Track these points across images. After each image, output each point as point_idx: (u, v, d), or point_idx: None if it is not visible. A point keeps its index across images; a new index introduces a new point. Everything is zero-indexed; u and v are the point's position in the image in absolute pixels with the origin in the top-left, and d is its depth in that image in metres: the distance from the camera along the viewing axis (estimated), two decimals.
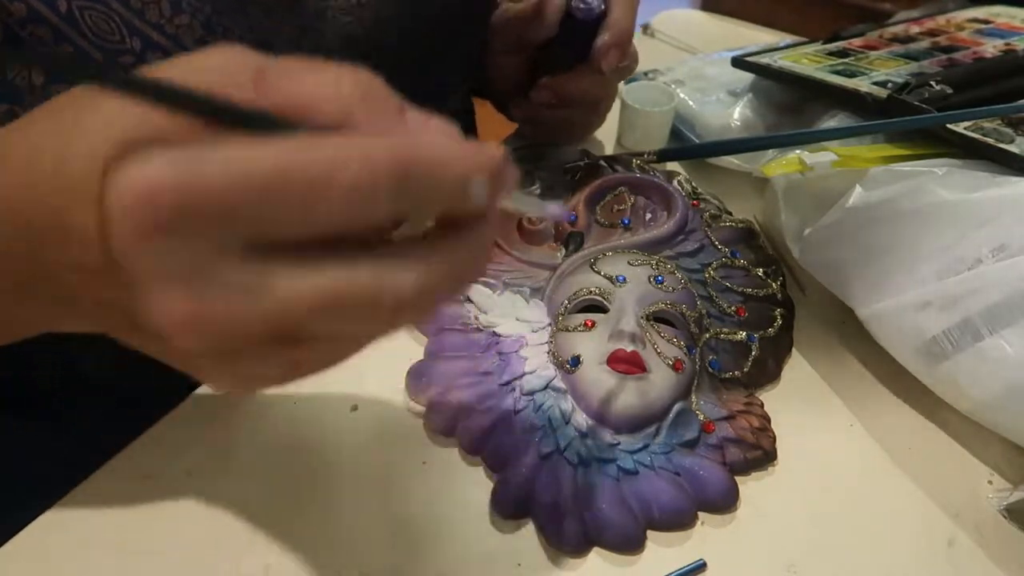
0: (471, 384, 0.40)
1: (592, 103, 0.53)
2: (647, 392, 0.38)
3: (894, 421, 0.42)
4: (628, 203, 0.49)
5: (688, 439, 0.38)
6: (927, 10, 0.70)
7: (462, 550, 0.35)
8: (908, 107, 0.48)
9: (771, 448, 0.39)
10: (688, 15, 0.84)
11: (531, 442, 0.37)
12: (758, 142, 0.53)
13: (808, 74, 0.55)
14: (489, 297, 0.44)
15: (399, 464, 0.38)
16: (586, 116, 0.54)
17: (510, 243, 0.47)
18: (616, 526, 0.35)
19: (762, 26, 0.80)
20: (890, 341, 0.42)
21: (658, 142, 0.60)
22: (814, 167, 0.45)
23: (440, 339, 0.42)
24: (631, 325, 0.40)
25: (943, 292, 0.38)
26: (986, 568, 0.36)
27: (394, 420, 0.40)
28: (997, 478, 0.39)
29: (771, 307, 0.45)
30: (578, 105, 0.51)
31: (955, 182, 0.41)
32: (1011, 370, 0.36)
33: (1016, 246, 0.37)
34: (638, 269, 0.43)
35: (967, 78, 0.51)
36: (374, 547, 0.35)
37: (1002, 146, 0.43)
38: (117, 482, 0.37)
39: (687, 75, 0.64)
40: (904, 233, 0.41)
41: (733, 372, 0.42)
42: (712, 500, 0.37)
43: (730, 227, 0.49)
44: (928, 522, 0.37)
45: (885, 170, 0.43)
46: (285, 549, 0.35)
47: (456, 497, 0.37)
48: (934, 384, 0.40)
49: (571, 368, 0.39)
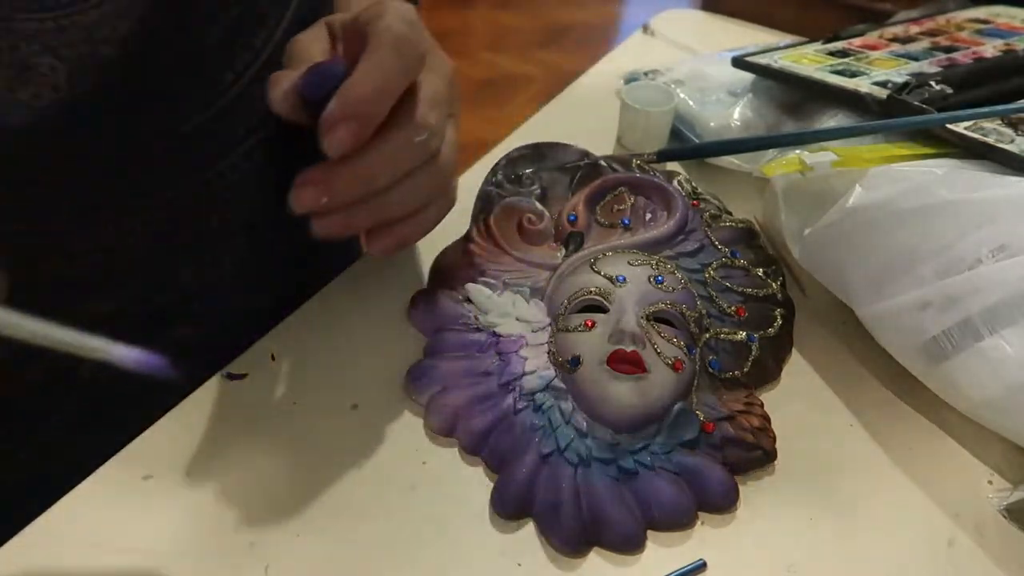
0: (471, 384, 0.40)
1: (401, 185, 0.35)
2: (647, 392, 0.38)
3: (894, 421, 0.42)
4: (628, 203, 0.49)
5: (688, 439, 0.38)
6: (927, 10, 0.70)
7: (462, 550, 0.35)
8: (908, 107, 0.48)
9: (771, 448, 0.39)
10: (688, 15, 0.84)
11: (531, 442, 0.37)
12: (758, 142, 0.53)
13: (808, 74, 0.55)
14: (489, 297, 0.44)
15: (399, 464, 0.38)
16: (410, 200, 0.36)
17: (510, 243, 0.47)
18: (616, 526, 0.35)
19: (762, 26, 0.80)
20: (890, 341, 0.42)
21: (658, 142, 0.60)
22: (814, 167, 0.45)
23: (440, 339, 0.42)
24: (631, 325, 0.40)
25: (943, 292, 0.38)
26: (986, 568, 0.36)
27: (394, 420, 0.40)
28: (997, 478, 0.39)
29: (771, 307, 0.45)
30: (380, 200, 0.34)
31: (955, 182, 0.41)
32: (1011, 370, 0.36)
33: (1016, 246, 0.37)
34: (638, 269, 0.43)
35: (967, 78, 0.51)
36: (374, 547, 0.35)
37: (1002, 146, 0.43)
38: (117, 482, 0.37)
39: (687, 75, 0.64)
40: (904, 233, 0.41)
41: (733, 372, 0.42)
42: (712, 500, 0.37)
43: (730, 227, 0.49)
44: (928, 522, 0.37)
45: (885, 170, 0.43)
46: (285, 549, 0.35)
47: (456, 497, 0.37)
48: (934, 384, 0.40)
49: (571, 368, 0.39)
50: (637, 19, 1.11)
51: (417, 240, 0.38)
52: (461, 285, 0.45)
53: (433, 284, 0.46)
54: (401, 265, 0.48)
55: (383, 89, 0.32)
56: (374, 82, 0.31)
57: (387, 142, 0.33)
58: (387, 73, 0.32)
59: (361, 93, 0.31)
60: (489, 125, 2.14)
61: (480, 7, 2.72)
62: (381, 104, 0.32)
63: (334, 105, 0.31)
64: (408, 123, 0.33)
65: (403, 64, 0.32)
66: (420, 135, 0.34)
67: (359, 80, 0.31)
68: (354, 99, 0.31)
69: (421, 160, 0.35)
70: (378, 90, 0.31)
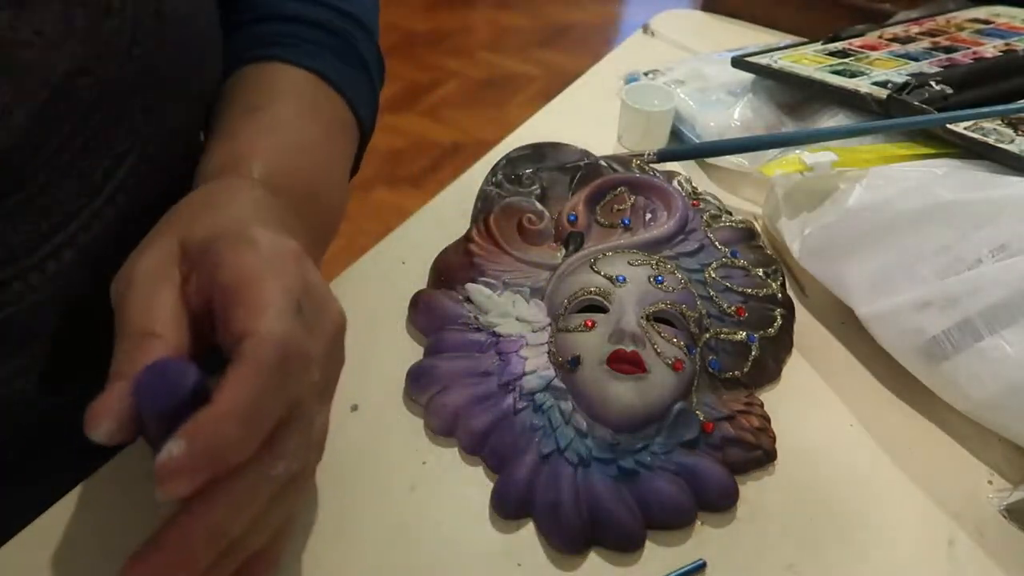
0: (471, 384, 0.40)
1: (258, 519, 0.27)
2: (647, 392, 0.38)
3: (894, 421, 0.42)
4: (628, 203, 0.49)
5: (688, 439, 0.38)
6: (927, 10, 0.70)
7: (462, 550, 0.35)
8: (908, 107, 0.48)
9: (771, 448, 0.39)
10: (688, 15, 0.84)
11: (531, 442, 0.37)
12: (758, 142, 0.53)
13: (808, 74, 0.55)
14: (489, 297, 0.44)
15: (399, 464, 0.38)
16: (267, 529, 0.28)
17: (510, 243, 0.47)
18: (616, 526, 0.35)
19: (762, 26, 0.80)
20: (890, 341, 0.42)
21: (658, 142, 0.60)
22: (814, 167, 0.45)
23: (440, 339, 0.42)
24: (631, 325, 0.40)
25: (943, 292, 0.38)
26: (986, 568, 0.36)
27: (394, 420, 0.40)
28: (997, 478, 0.39)
29: (771, 307, 0.45)
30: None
31: (955, 182, 0.41)
32: (1011, 370, 0.36)
33: (1016, 246, 0.37)
34: (638, 269, 0.43)
35: (967, 78, 0.51)
36: (374, 547, 0.35)
37: (1002, 146, 0.43)
38: (117, 482, 0.37)
39: (687, 75, 0.64)
40: (904, 233, 0.41)
41: (733, 372, 0.42)
42: (712, 500, 0.37)
43: (730, 227, 0.49)
44: (928, 522, 0.37)
45: (885, 170, 0.43)
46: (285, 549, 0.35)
47: (456, 497, 0.37)
48: (934, 384, 0.40)
49: (571, 368, 0.39)
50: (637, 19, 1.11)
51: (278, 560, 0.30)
52: (461, 285, 0.45)
53: (433, 284, 0.46)
54: (401, 265, 0.48)
55: (252, 432, 0.24)
56: (242, 420, 0.23)
57: (240, 480, 0.25)
58: (261, 407, 0.24)
59: (222, 437, 0.23)
60: (489, 125, 2.15)
61: (480, 7, 2.73)
62: (244, 450, 0.24)
63: (182, 450, 0.22)
64: (266, 453, 0.26)
65: (284, 392, 0.25)
66: (276, 468, 0.26)
67: (222, 415, 0.23)
68: (210, 446, 0.23)
69: (279, 488, 0.27)
70: (244, 434, 0.24)
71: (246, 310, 0.25)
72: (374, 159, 1.86)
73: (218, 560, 0.25)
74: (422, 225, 0.52)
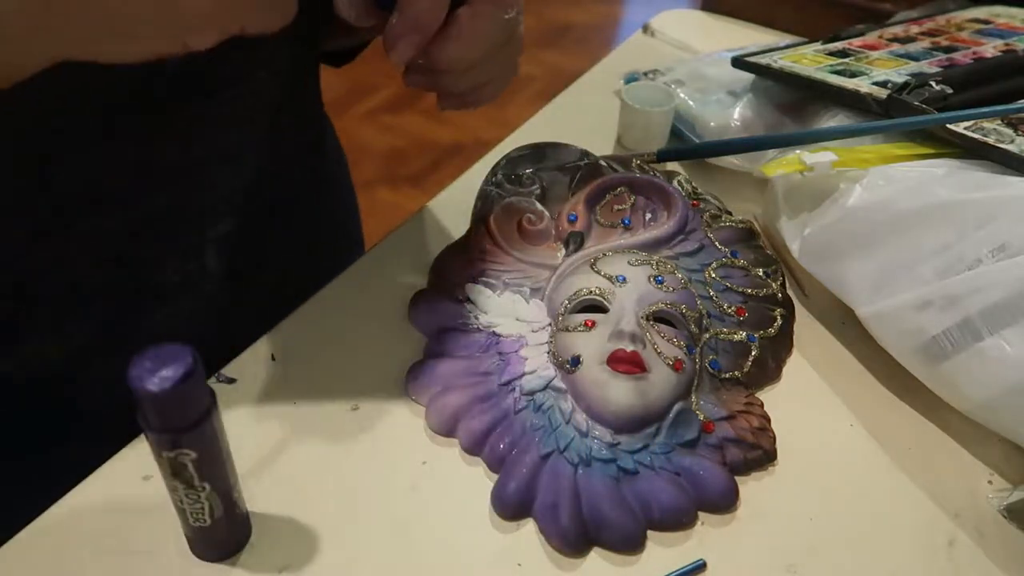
0: (471, 384, 0.40)
1: (489, 57, 0.40)
2: (647, 392, 0.38)
3: (894, 421, 0.42)
4: (628, 203, 0.49)
5: (688, 439, 0.38)
6: (927, 10, 0.70)
7: (462, 550, 0.35)
8: (908, 107, 0.48)
9: (771, 448, 0.39)
10: (688, 15, 0.84)
11: (531, 442, 0.37)
12: (758, 142, 0.53)
13: (808, 74, 0.55)
14: (489, 297, 0.44)
15: (399, 464, 0.38)
16: (491, 71, 0.40)
17: (510, 243, 0.47)
18: (616, 526, 0.35)
19: (762, 26, 0.80)
20: (890, 341, 0.42)
21: (658, 142, 0.60)
22: (814, 167, 0.45)
23: (440, 339, 0.42)
24: (631, 325, 0.40)
25: (943, 292, 0.38)
26: (986, 568, 0.36)
27: (394, 420, 0.40)
28: (997, 478, 0.39)
29: (771, 307, 0.45)
30: (468, 70, 0.39)
31: (955, 182, 0.41)
32: (1011, 370, 0.36)
33: (1016, 246, 0.37)
34: (638, 269, 0.43)
35: (967, 78, 0.51)
36: (374, 547, 0.35)
37: (1002, 146, 0.43)
38: (117, 482, 0.37)
39: (687, 75, 0.64)
40: (904, 233, 0.41)
41: (733, 372, 0.42)
42: (712, 500, 0.37)
43: (730, 227, 0.49)
44: (928, 522, 0.37)
45: (885, 170, 0.43)
46: (284, 549, 0.35)
47: (456, 497, 0.37)
48: (934, 384, 0.40)
49: (571, 368, 0.40)
50: (637, 19, 1.11)
51: (484, 104, 0.42)
52: (461, 285, 0.45)
53: (433, 284, 0.46)
54: (401, 265, 0.48)
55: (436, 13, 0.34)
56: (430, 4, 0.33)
57: (481, 19, 0.36)
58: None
59: (420, 7, 0.33)
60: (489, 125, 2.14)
61: None
62: (437, 13, 0.34)
63: (396, 21, 0.33)
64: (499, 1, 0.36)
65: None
66: (509, 13, 0.37)
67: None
68: (414, 14, 0.33)
69: (507, 36, 0.38)
70: (435, 3, 0.33)
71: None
72: (374, 159, 1.87)
73: (464, 82, 0.38)
74: (422, 225, 0.52)
